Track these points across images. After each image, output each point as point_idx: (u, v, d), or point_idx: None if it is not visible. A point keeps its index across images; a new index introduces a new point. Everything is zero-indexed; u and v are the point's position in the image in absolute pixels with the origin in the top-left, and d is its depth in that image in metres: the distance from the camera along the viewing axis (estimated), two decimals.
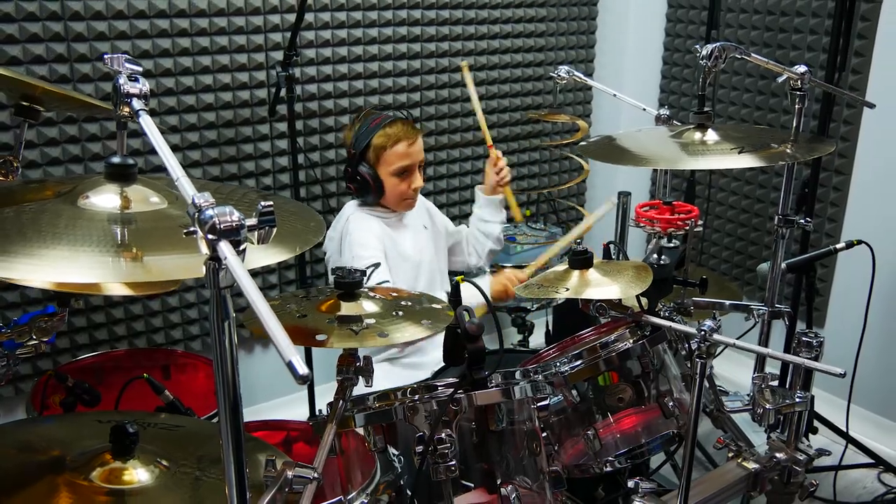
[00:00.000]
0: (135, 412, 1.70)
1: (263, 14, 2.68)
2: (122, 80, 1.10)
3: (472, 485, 1.37)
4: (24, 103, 1.72)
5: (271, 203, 0.91)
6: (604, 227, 2.97)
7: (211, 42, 2.61)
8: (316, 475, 1.10)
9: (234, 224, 0.87)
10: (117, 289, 1.57)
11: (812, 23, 2.98)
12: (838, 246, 2.27)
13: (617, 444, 1.67)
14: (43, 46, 2.34)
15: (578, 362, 1.64)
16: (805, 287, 2.36)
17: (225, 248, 0.86)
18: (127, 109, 1.10)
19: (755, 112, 3.26)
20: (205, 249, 0.88)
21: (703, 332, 1.36)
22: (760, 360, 1.98)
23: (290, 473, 1.10)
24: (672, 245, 2.02)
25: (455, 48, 3.17)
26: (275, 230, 0.92)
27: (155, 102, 2.55)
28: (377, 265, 2.29)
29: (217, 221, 0.86)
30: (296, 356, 0.74)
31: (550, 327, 3.27)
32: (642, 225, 2.29)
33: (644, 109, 2.53)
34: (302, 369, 0.73)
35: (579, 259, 1.60)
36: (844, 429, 2.62)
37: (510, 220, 2.98)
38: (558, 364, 1.64)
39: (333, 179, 3.01)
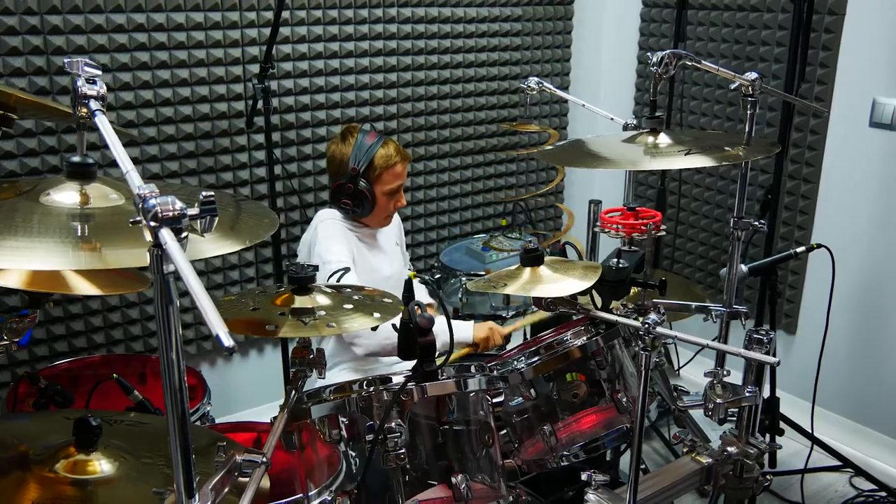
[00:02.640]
0: (103, 411, 1.74)
1: (240, 28, 2.75)
2: (79, 83, 1.16)
3: (434, 482, 1.41)
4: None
5: (212, 194, 0.96)
6: (577, 233, 3.04)
7: (189, 55, 2.67)
8: (265, 460, 1.15)
9: (175, 213, 0.92)
10: (85, 287, 1.62)
11: (779, 35, 3.06)
12: (799, 250, 2.34)
13: (573, 439, 1.72)
14: (23, 59, 2.40)
15: (535, 359, 1.69)
16: (768, 290, 2.41)
17: (166, 234, 0.91)
18: (85, 110, 1.15)
19: (727, 123, 3.34)
20: (148, 237, 0.93)
21: (646, 325, 1.41)
22: (720, 358, 2.03)
23: (239, 458, 1.14)
24: (633, 249, 2.08)
25: (431, 61, 3.24)
26: (216, 219, 0.97)
27: (133, 114, 2.61)
28: (346, 269, 2.34)
29: (159, 210, 0.91)
30: (223, 330, 0.79)
31: (528, 335, 3.31)
32: (607, 230, 2.36)
33: (612, 119, 2.59)
34: (228, 342, 0.78)
35: (530, 257, 1.66)
36: (810, 430, 2.66)
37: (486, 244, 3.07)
38: (515, 361, 1.69)
39: (311, 190, 3.07)
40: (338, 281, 1.76)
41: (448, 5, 3.22)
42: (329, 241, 2.41)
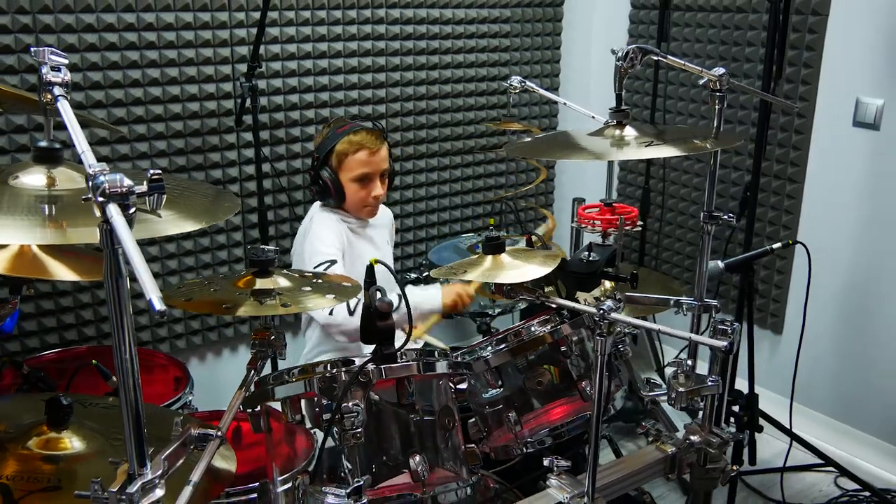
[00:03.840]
0: (80, 395, 1.79)
1: (230, 28, 2.80)
2: (44, 70, 1.21)
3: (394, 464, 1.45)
4: None
5: (160, 172, 1.00)
6: (560, 230, 3.07)
7: (178, 54, 2.72)
8: (219, 434, 1.19)
9: (122, 189, 0.96)
10: (63, 273, 1.67)
11: (763, 36, 3.09)
12: (775, 246, 2.37)
13: (539, 428, 1.75)
14: (15, 57, 2.45)
15: (501, 346, 1.73)
16: (745, 286, 2.44)
17: (113, 210, 0.95)
18: (49, 96, 1.20)
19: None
20: (97, 213, 0.97)
21: (601, 311, 1.44)
22: (693, 352, 2.05)
23: (194, 431, 1.18)
24: (606, 244, 2.11)
25: (419, 62, 3.28)
26: (164, 197, 1.02)
27: (123, 112, 2.67)
28: (333, 262, 2.37)
29: (107, 186, 0.96)
30: (157, 295, 0.83)
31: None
32: (584, 226, 2.40)
33: (593, 117, 2.62)
34: (159, 305, 0.82)
35: (492, 245, 1.69)
36: (788, 426, 2.68)
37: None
38: (481, 349, 1.72)
39: (300, 188, 3.11)
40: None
41: (437, 6, 3.27)
42: (319, 233, 2.45)
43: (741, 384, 2.72)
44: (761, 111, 2.44)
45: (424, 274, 3.28)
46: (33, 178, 1.26)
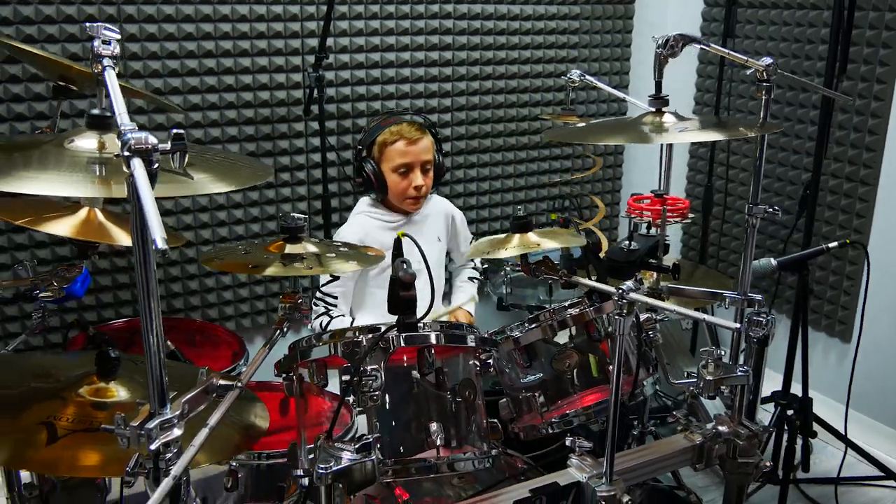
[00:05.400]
0: (133, 354, 1.92)
1: (301, 21, 2.92)
2: (96, 44, 1.32)
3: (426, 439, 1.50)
4: (61, 83, 1.99)
5: (182, 130, 1.08)
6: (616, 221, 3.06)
7: (251, 45, 2.86)
8: (239, 385, 1.27)
9: (146, 146, 1.05)
10: (124, 238, 1.80)
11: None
12: (830, 245, 2.30)
13: (567, 411, 1.77)
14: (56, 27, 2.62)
15: (533, 325, 1.75)
16: (798, 285, 2.38)
17: (136, 164, 1.04)
18: (99, 66, 1.31)
19: (785, 123, 3.28)
20: (124, 167, 1.06)
21: (620, 291, 1.46)
22: (735, 344, 2.02)
23: (216, 381, 1.27)
24: (650, 234, 2.11)
25: (486, 57, 3.33)
26: (187, 155, 1.10)
27: (198, 98, 2.82)
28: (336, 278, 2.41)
29: (133, 143, 1.05)
30: (160, 235, 0.91)
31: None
32: (632, 216, 2.40)
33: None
34: (161, 245, 0.90)
35: (519, 224, 1.73)
36: (843, 432, 2.59)
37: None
38: (510, 329, 1.76)
39: None
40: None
41: (505, 2, 3.31)
42: (346, 231, 2.57)
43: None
44: (822, 108, 2.38)
45: (484, 266, 3.32)
46: (86, 143, 1.38)
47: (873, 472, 2.87)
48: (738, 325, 1.40)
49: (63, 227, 1.76)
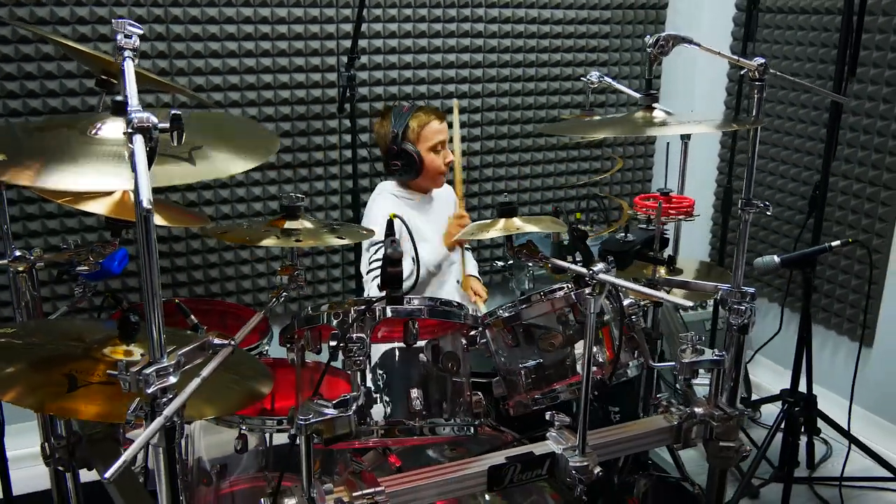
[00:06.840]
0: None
1: (336, 23, 3.09)
2: (119, 37, 1.48)
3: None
4: (104, 76, 2.19)
5: (179, 112, 1.24)
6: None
7: (289, 45, 3.04)
8: (233, 343, 1.42)
9: (147, 124, 1.21)
10: (156, 219, 1.98)
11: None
12: (833, 244, 2.34)
13: (549, 390, 1.87)
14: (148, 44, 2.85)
15: (521, 306, 1.86)
16: (803, 283, 2.42)
17: (136, 139, 1.20)
18: (121, 57, 1.48)
19: (800, 124, 3.31)
20: (128, 143, 1.22)
21: (591, 272, 1.56)
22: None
23: (212, 339, 1.42)
24: (649, 228, 2.20)
25: (517, 60, 3.45)
26: (184, 134, 1.25)
27: (238, 95, 3.02)
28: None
29: (135, 121, 1.20)
30: (147, 198, 1.07)
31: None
32: (639, 213, 2.48)
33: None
34: (147, 205, 1.06)
35: (505, 209, 1.85)
36: (846, 427, 2.61)
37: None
38: (501, 309, 1.87)
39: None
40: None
41: (536, 6, 3.42)
42: (375, 212, 2.68)
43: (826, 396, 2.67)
44: (832, 111, 2.42)
45: (509, 262, 3.43)
46: (111, 130, 1.54)
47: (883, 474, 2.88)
48: (690, 304, 1.48)
49: (100, 205, 1.95)
